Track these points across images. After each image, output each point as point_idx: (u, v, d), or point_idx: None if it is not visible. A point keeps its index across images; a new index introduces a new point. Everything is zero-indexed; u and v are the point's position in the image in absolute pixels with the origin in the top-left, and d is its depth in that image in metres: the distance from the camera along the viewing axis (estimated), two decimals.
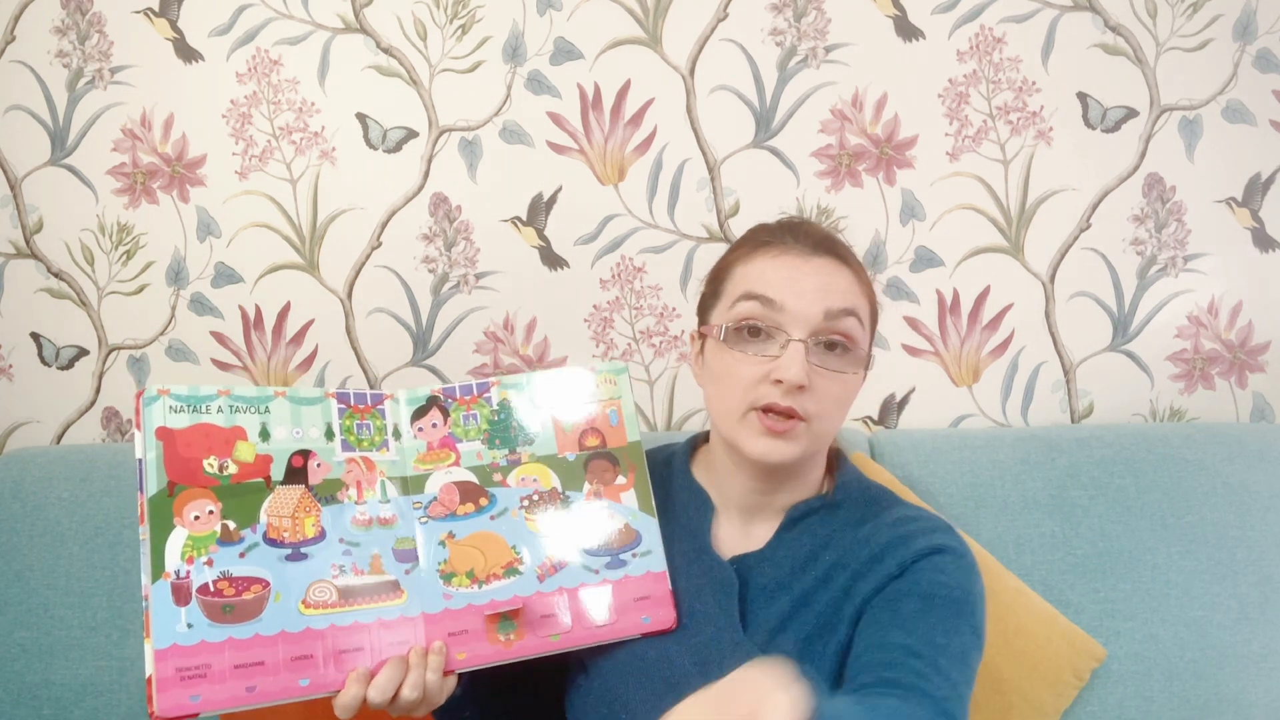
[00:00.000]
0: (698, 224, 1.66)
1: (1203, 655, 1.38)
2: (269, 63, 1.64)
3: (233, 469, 0.91)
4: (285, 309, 1.67)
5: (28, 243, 1.67)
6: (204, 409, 0.92)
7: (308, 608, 0.89)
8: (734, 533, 1.05)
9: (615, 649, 0.98)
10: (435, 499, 0.98)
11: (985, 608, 0.97)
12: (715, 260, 1.09)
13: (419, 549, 0.95)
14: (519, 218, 1.66)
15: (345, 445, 0.97)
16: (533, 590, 0.97)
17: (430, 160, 1.65)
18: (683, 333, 1.67)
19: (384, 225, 1.66)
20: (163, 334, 1.68)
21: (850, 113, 1.64)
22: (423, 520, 0.97)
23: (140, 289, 1.68)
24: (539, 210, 1.66)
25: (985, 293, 1.66)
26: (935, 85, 1.64)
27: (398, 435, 0.99)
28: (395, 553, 0.94)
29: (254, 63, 1.64)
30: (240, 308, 1.68)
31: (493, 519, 0.99)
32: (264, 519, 0.91)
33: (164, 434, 0.90)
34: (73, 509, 1.44)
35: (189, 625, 0.85)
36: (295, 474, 0.94)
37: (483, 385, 1.03)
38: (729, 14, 1.62)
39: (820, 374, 0.95)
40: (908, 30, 1.63)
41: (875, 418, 1.69)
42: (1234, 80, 1.63)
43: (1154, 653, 1.39)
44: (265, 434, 0.94)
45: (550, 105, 1.64)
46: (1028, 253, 1.66)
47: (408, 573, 0.94)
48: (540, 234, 1.66)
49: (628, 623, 0.98)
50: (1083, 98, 1.63)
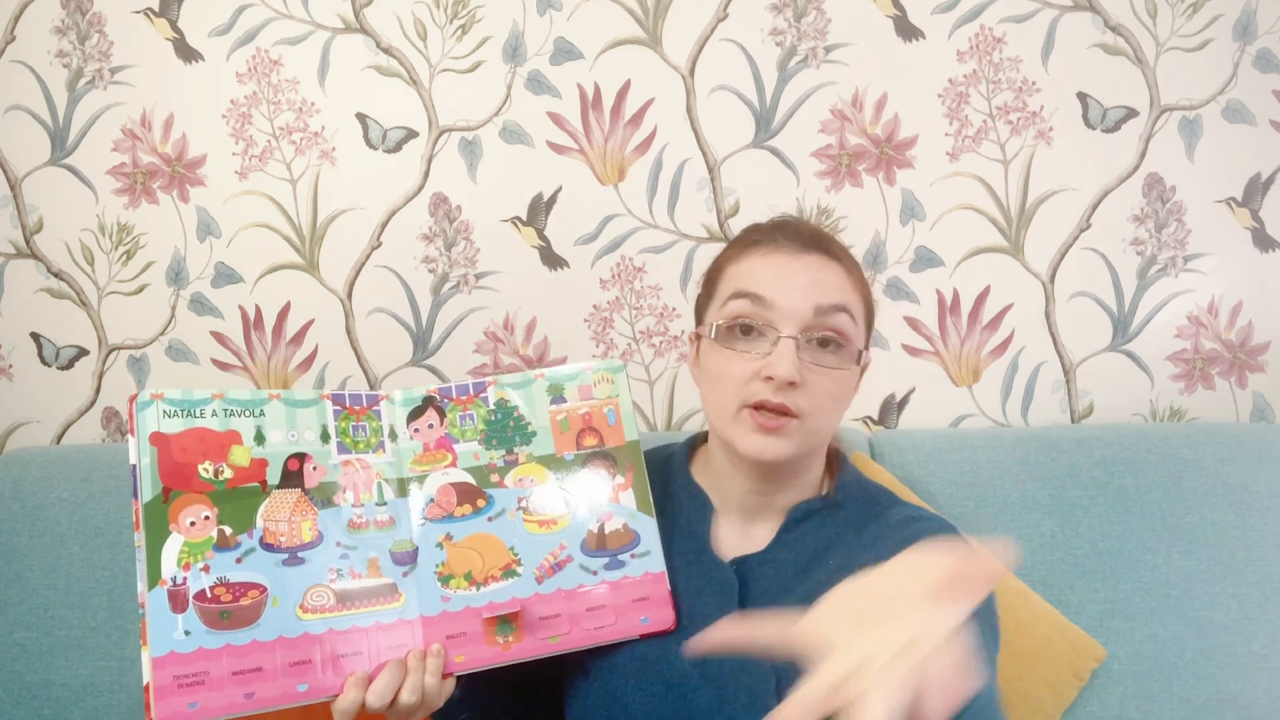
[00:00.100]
0: (698, 224, 1.65)
1: (1203, 655, 1.38)
2: (269, 63, 1.64)
3: (228, 473, 0.91)
4: (285, 309, 1.67)
5: (28, 243, 1.67)
6: (198, 413, 0.91)
7: (305, 612, 0.89)
8: (734, 534, 1.04)
9: (614, 650, 0.97)
10: (432, 500, 0.97)
11: (997, 603, 0.97)
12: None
13: (416, 551, 0.95)
14: (519, 218, 1.66)
15: (341, 448, 0.96)
16: (531, 592, 0.96)
17: (430, 160, 1.65)
18: (682, 333, 1.67)
19: (384, 225, 1.66)
20: (163, 334, 1.68)
21: (850, 113, 1.64)
22: (420, 522, 0.96)
23: (140, 289, 1.68)
24: (539, 210, 1.65)
25: (985, 293, 1.66)
26: (935, 85, 1.63)
27: (394, 437, 0.98)
28: (392, 555, 0.94)
29: (254, 63, 1.64)
30: (240, 308, 1.68)
31: (490, 520, 0.98)
32: (260, 524, 0.90)
33: (158, 439, 0.90)
34: (73, 509, 1.44)
35: (186, 632, 0.85)
36: (291, 477, 0.93)
37: (479, 385, 1.02)
38: (729, 14, 1.62)
39: (813, 370, 0.95)
40: (908, 30, 1.63)
41: (875, 418, 1.69)
42: (1234, 80, 1.63)
43: (1154, 653, 1.39)
44: (260, 437, 0.93)
45: (550, 105, 1.64)
46: (1028, 253, 1.65)
47: (405, 575, 0.93)
48: (540, 234, 1.66)
49: (626, 624, 0.97)
50: (1083, 98, 1.63)
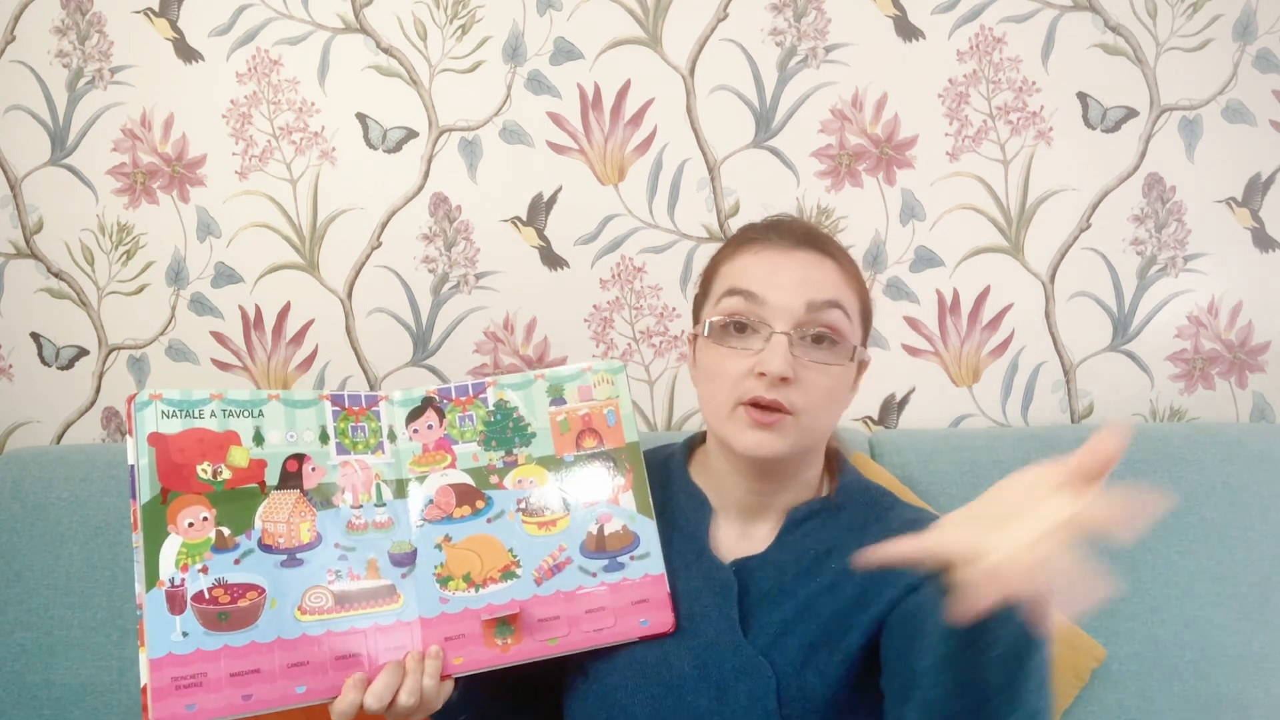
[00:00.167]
0: (698, 224, 1.65)
1: (1203, 655, 1.38)
2: (269, 63, 1.64)
3: (226, 474, 0.91)
4: (285, 309, 1.67)
5: (28, 243, 1.67)
6: (197, 414, 0.91)
7: (304, 614, 0.89)
8: (733, 535, 1.04)
9: (614, 652, 0.97)
10: (431, 502, 0.97)
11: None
12: None
13: (415, 553, 0.95)
14: (519, 218, 1.66)
15: (340, 448, 0.96)
16: (530, 594, 0.96)
17: (430, 160, 1.65)
18: (682, 333, 1.67)
19: (384, 225, 1.66)
20: (163, 334, 1.68)
21: (850, 113, 1.64)
22: (419, 524, 0.96)
23: (140, 289, 1.68)
24: (539, 210, 1.65)
25: (985, 293, 1.66)
26: (935, 85, 1.63)
27: (393, 437, 0.98)
28: (391, 557, 0.93)
29: (254, 63, 1.64)
30: (240, 308, 1.68)
31: (489, 522, 0.97)
32: (259, 525, 0.90)
33: (156, 440, 0.90)
34: (73, 509, 1.44)
35: (184, 634, 0.85)
36: (290, 478, 0.93)
37: (479, 386, 1.02)
38: (729, 14, 1.62)
39: (807, 367, 0.94)
40: (908, 30, 1.63)
41: (875, 418, 1.69)
42: (1234, 80, 1.62)
43: (1154, 653, 1.39)
44: (259, 438, 0.93)
45: (550, 105, 1.64)
46: (1028, 253, 1.65)
47: (404, 577, 0.93)
48: (540, 234, 1.66)
49: (626, 626, 0.97)
50: (1083, 98, 1.63)
